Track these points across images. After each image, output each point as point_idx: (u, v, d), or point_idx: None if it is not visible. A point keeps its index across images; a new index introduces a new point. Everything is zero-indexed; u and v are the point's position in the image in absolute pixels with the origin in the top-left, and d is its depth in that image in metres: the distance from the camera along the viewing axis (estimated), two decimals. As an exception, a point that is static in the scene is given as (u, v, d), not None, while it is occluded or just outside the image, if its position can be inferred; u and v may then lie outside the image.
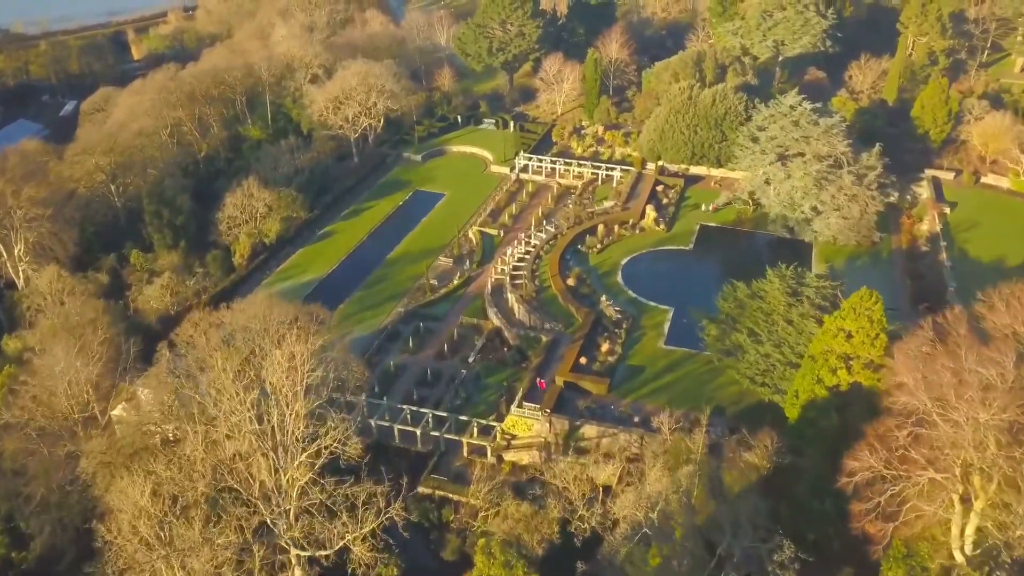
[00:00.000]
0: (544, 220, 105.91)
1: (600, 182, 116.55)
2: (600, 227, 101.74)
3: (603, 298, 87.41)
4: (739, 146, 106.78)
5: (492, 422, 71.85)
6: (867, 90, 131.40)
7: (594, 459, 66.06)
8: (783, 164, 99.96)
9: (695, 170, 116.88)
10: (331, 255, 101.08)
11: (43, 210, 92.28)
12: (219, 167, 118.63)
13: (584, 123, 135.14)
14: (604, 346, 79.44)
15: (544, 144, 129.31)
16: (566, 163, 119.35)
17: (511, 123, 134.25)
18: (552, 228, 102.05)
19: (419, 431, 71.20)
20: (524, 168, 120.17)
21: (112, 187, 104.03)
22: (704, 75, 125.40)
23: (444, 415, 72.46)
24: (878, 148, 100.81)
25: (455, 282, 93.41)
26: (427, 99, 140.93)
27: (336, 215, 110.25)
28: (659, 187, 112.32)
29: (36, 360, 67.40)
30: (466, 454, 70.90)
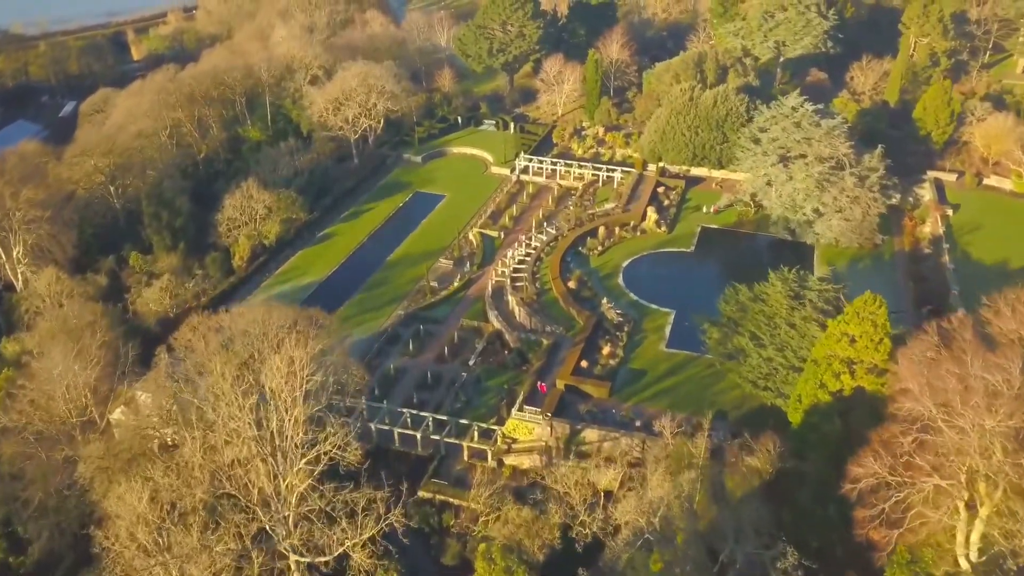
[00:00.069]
0: (545, 222, 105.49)
1: (601, 183, 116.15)
2: (601, 229, 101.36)
3: (604, 301, 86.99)
4: (740, 148, 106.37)
5: (493, 426, 71.54)
6: (869, 91, 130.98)
7: (595, 463, 65.67)
8: (785, 166, 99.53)
9: (696, 171, 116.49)
10: (331, 257, 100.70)
11: (42, 212, 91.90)
12: (218, 168, 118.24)
13: (585, 124, 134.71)
14: (605, 349, 79.04)
15: (545, 145, 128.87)
16: (567, 164, 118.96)
17: (511, 124, 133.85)
18: (553, 230, 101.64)
19: (419, 435, 70.82)
20: (525, 169, 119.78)
21: (111, 189, 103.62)
22: (705, 76, 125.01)
23: (444, 419, 72.10)
24: (880, 150, 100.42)
25: (455, 284, 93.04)
26: (427, 100, 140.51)
27: (336, 217, 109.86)
28: (660, 189, 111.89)
29: (34, 364, 67.07)
30: (466, 458, 70.49)
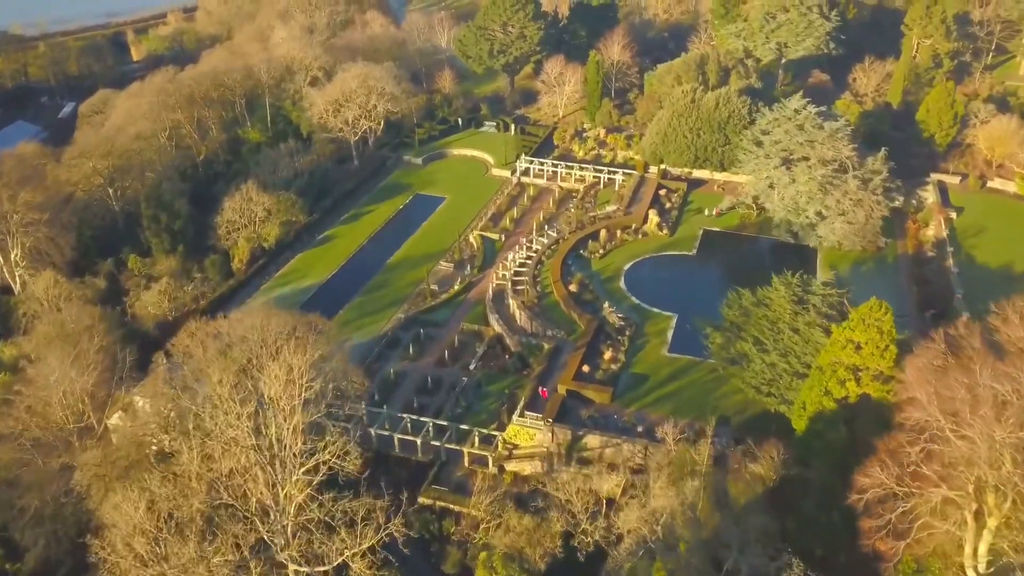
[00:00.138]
0: (546, 224, 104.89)
1: (602, 186, 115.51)
2: (602, 232, 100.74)
3: (606, 304, 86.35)
4: (743, 150, 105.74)
5: (493, 431, 70.91)
6: (871, 93, 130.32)
7: (597, 470, 64.97)
8: (788, 168, 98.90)
9: (698, 174, 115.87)
10: (331, 260, 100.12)
11: (40, 214, 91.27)
12: (218, 170, 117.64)
13: (586, 126, 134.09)
14: (607, 354, 78.43)
15: (545, 147, 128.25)
16: (568, 166, 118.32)
17: (512, 126, 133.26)
18: (554, 233, 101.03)
19: (419, 440, 70.20)
20: (525, 171, 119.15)
21: (110, 191, 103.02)
22: (707, 78, 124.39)
23: (445, 424, 71.48)
24: (883, 152, 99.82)
25: (456, 287, 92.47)
26: (428, 101, 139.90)
27: (336, 219, 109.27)
28: (662, 191, 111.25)
29: (31, 369, 66.46)
30: (467, 464, 69.88)
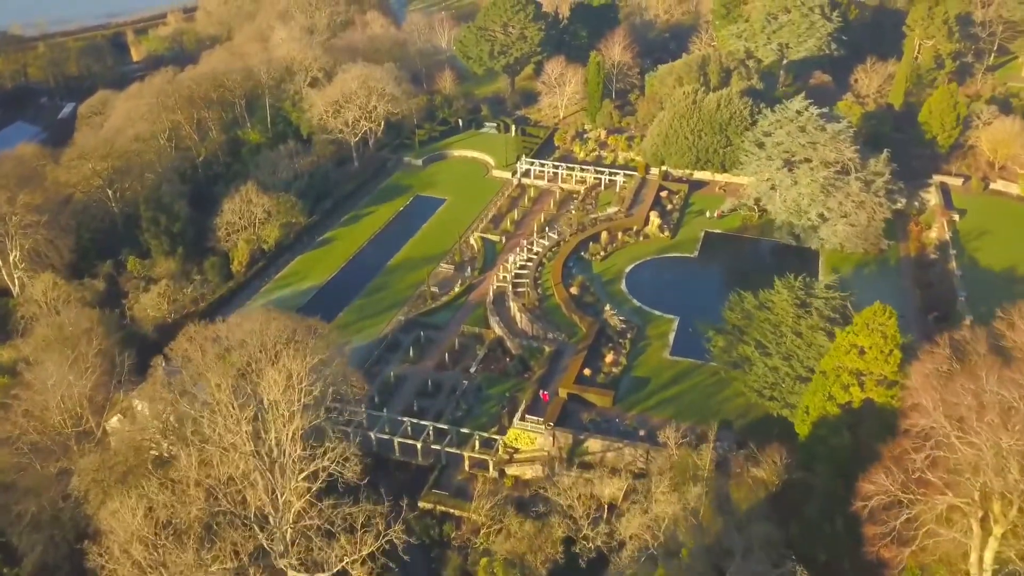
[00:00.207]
0: (546, 226, 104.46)
1: (603, 187, 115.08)
2: (603, 234, 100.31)
3: (607, 307, 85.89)
4: (744, 152, 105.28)
5: (494, 435, 70.49)
6: (873, 94, 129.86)
7: (599, 474, 64.49)
8: (790, 170, 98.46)
9: (699, 175, 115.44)
10: (331, 262, 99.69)
11: (38, 216, 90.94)
12: (217, 172, 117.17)
13: (587, 127, 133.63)
14: (608, 357, 77.99)
15: (546, 148, 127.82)
16: (568, 168, 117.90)
17: (513, 127, 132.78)
18: (555, 235, 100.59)
19: (419, 444, 69.78)
20: (526, 173, 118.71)
21: (109, 192, 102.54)
22: (708, 79, 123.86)
23: (445, 428, 71.06)
24: (886, 154, 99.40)
25: (456, 290, 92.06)
26: (428, 102, 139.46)
27: (336, 221, 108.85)
28: (663, 193, 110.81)
29: (28, 373, 65.99)
30: (467, 468, 69.44)
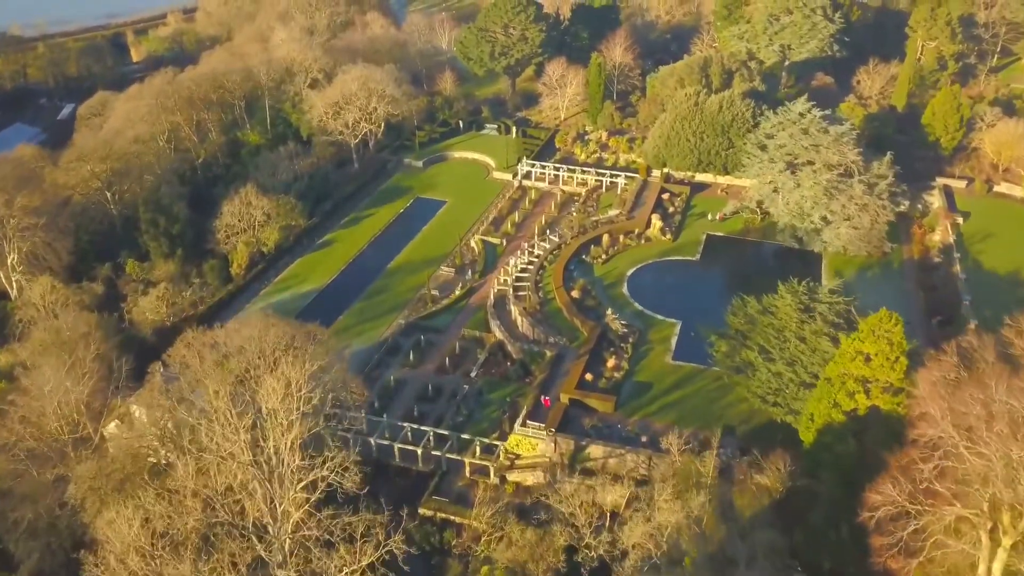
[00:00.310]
0: (547, 228, 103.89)
1: (604, 189, 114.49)
2: (605, 237, 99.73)
3: (609, 311, 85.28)
4: (746, 154, 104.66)
5: (495, 441, 69.95)
6: (876, 95, 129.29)
7: (601, 481, 63.86)
8: (792, 173, 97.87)
9: (701, 177, 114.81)
10: (330, 264, 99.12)
11: (37, 219, 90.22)
12: (217, 173, 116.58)
13: (588, 129, 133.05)
14: (610, 361, 77.41)
15: (547, 150, 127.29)
16: (569, 170, 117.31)
17: (513, 129, 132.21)
18: (556, 237, 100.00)
19: (420, 450, 69.20)
20: (527, 175, 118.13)
21: (108, 194, 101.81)
22: (710, 81, 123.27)
23: (445, 433, 70.50)
24: (889, 157, 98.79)
25: (457, 293, 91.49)
26: (428, 104, 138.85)
27: (336, 223, 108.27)
28: (665, 195, 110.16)
29: (25, 379, 65.38)
30: (468, 474, 68.82)
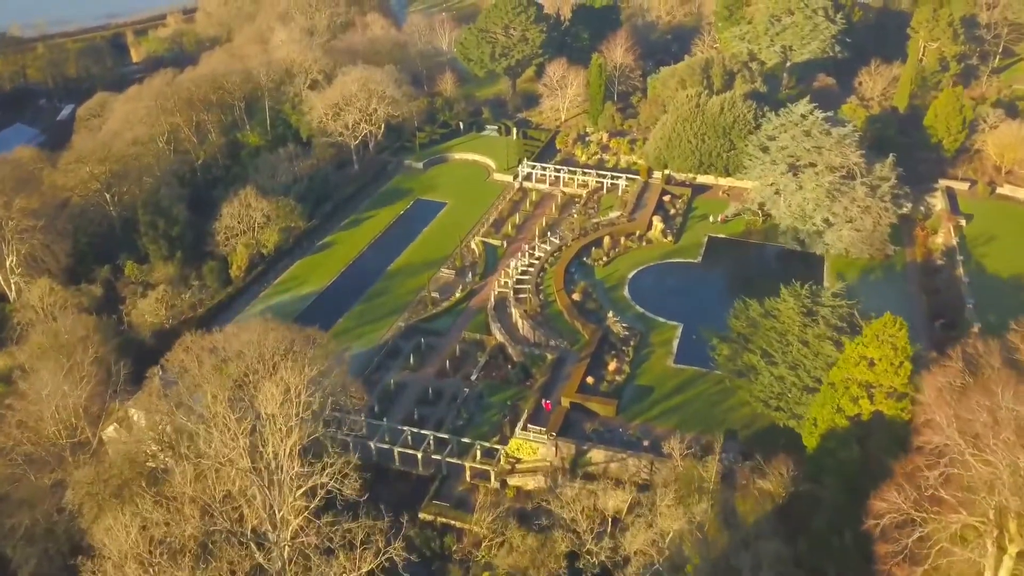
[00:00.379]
0: (548, 230, 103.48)
1: (605, 191, 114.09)
2: (606, 239, 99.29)
3: (610, 314, 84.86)
4: (748, 156, 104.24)
5: (496, 445, 69.52)
6: (877, 97, 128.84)
7: (602, 486, 63.43)
8: (794, 175, 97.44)
9: (702, 179, 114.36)
10: (330, 267, 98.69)
11: (35, 221, 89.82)
12: (216, 175, 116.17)
13: (588, 130, 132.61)
14: (611, 365, 76.99)
15: (548, 151, 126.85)
16: (570, 171, 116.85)
17: (514, 130, 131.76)
18: (556, 239, 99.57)
19: (420, 454, 68.77)
20: (528, 176, 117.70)
21: (107, 196, 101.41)
22: (712, 82, 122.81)
23: (446, 437, 70.06)
24: (892, 159, 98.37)
25: (457, 295, 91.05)
26: (428, 105, 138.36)
27: (336, 225, 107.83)
28: (666, 197, 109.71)
29: (23, 383, 64.97)
30: (469, 478, 68.42)
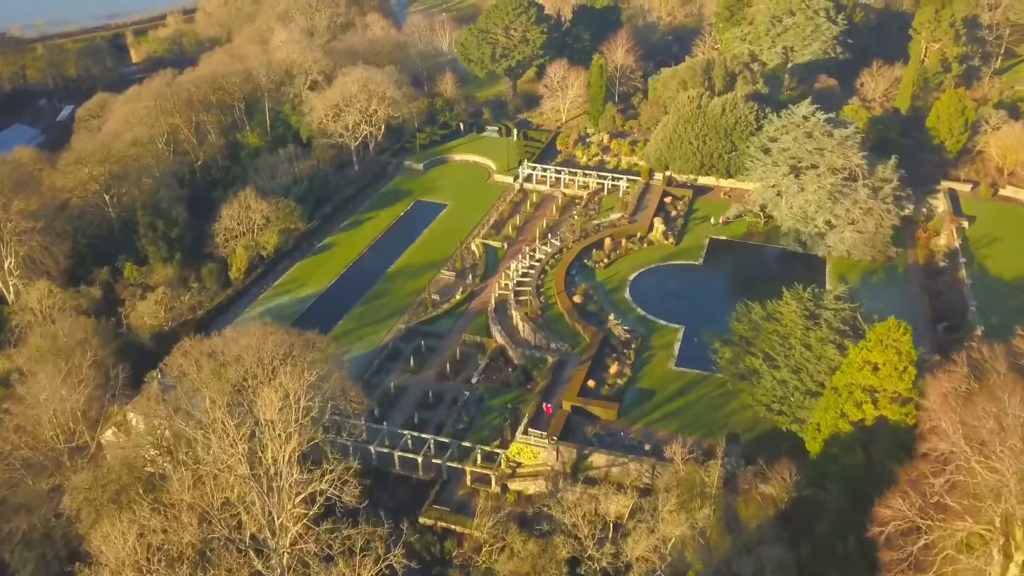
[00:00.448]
0: (549, 232, 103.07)
1: (606, 192, 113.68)
2: (607, 240, 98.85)
3: (611, 317, 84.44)
4: (750, 157, 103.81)
5: (496, 449, 69.12)
6: (879, 98, 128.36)
7: (604, 491, 62.99)
8: (796, 176, 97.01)
9: (703, 181, 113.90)
10: (330, 268, 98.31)
11: (34, 223, 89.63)
12: (216, 176, 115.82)
13: (589, 131, 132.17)
14: (613, 368, 76.57)
15: (548, 152, 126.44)
16: (571, 173, 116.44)
17: (514, 131, 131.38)
18: (557, 241, 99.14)
19: (420, 458, 68.37)
20: (528, 177, 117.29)
21: (106, 198, 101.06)
22: (713, 83, 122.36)
23: (446, 441, 69.68)
24: (894, 160, 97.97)
25: (457, 297, 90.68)
26: (429, 106, 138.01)
27: (335, 226, 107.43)
28: (667, 199, 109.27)
29: (21, 387, 64.58)
30: (469, 483, 68.02)
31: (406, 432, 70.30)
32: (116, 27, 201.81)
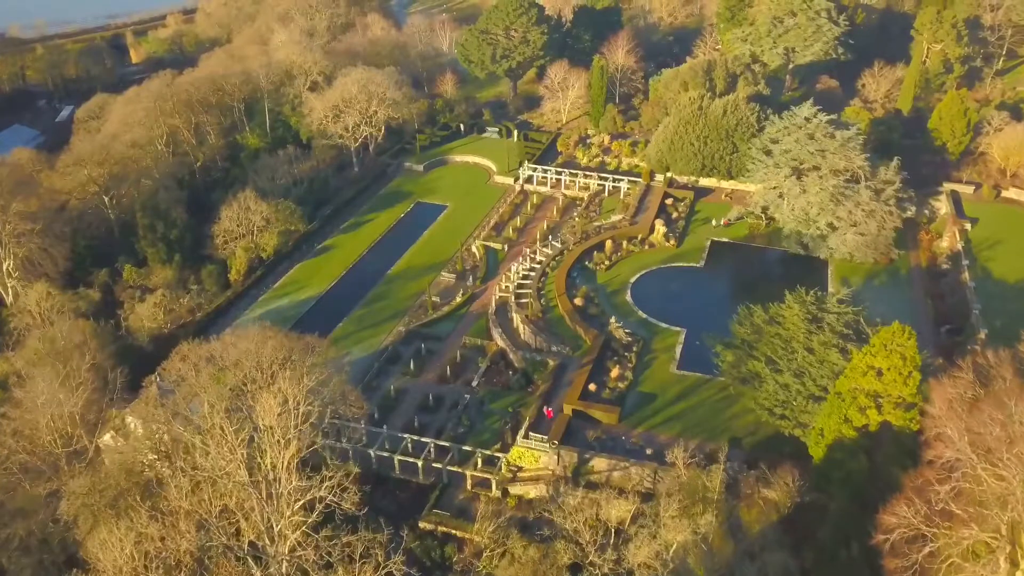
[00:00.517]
0: (550, 234, 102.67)
1: (607, 194, 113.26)
2: (608, 242, 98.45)
3: (612, 320, 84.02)
4: (751, 159, 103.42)
5: (497, 453, 68.74)
6: (881, 99, 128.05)
7: (605, 495, 62.53)
8: (798, 178, 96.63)
9: (705, 182, 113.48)
10: (330, 270, 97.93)
11: (33, 224, 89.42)
12: (216, 177, 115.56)
13: (590, 132, 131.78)
14: (614, 371, 76.18)
15: (549, 154, 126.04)
16: (572, 174, 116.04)
17: (515, 132, 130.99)
18: (558, 243, 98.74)
19: (420, 462, 67.96)
20: (529, 179, 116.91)
21: (105, 199, 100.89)
22: (714, 84, 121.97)
23: (447, 445, 69.29)
24: (896, 162, 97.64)
25: (458, 300, 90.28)
26: (429, 107, 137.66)
27: (335, 228, 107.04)
28: (668, 200, 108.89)
29: (18, 391, 64.19)
30: (470, 487, 67.65)
31: (406, 436, 69.92)
32: (116, 27, 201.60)
